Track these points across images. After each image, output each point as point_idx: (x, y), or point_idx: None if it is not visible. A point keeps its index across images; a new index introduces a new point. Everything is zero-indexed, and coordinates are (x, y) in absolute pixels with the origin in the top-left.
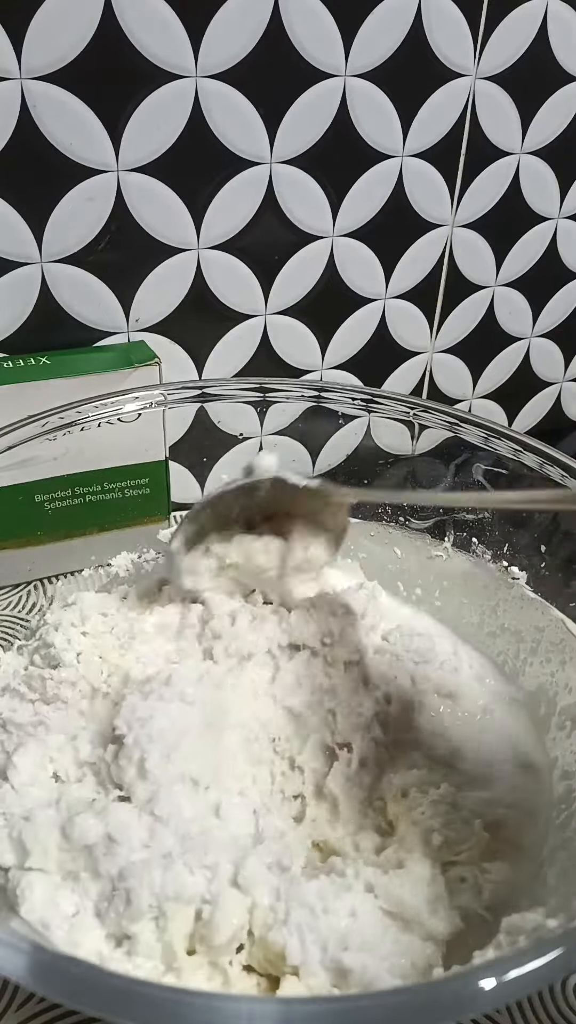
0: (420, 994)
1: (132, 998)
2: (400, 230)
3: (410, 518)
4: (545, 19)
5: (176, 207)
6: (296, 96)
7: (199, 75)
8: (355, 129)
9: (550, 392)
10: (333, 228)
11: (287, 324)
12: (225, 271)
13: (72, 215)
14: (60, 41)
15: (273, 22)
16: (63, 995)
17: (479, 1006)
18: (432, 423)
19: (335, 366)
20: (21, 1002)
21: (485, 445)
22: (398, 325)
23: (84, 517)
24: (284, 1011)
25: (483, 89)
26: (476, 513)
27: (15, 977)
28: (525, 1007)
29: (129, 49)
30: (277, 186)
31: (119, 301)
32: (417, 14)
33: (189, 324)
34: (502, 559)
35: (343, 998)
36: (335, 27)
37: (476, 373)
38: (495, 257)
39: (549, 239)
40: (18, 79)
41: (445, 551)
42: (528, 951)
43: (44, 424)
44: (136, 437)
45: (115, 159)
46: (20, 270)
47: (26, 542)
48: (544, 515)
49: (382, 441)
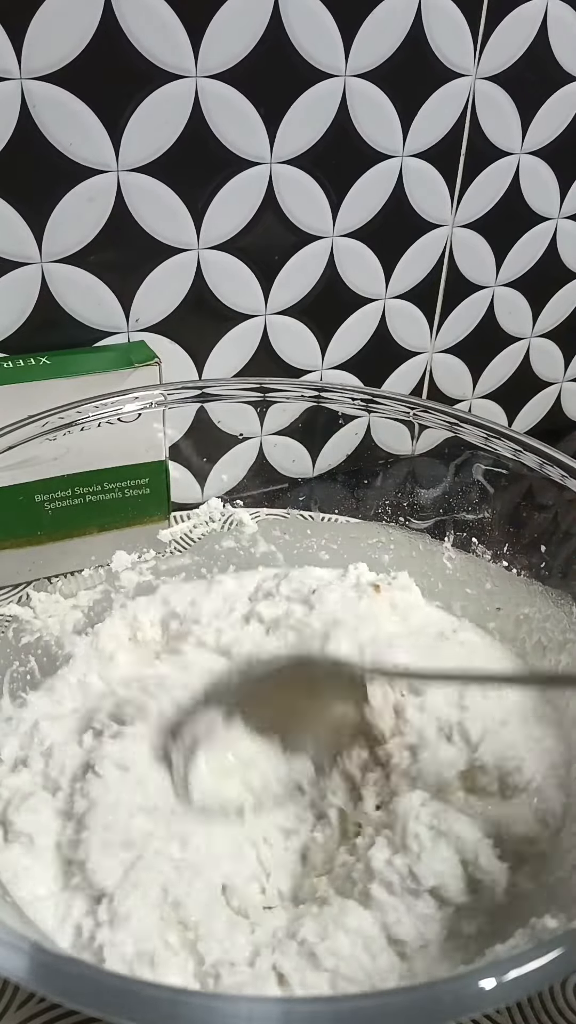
0: (420, 994)
1: (132, 998)
2: (400, 230)
3: (410, 518)
4: (545, 19)
5: (176, 207)
6: (296, 96)
7: (199, 75)
8: (355, 129)
9: (550, 392)
10: (333, 228)
11: (287, 324)
12: (225, 271)
13: (72, 215)
14: (60, 41)
15: (273, 22)
16: (63, 995)
17: (479, 1006)
18: (432, 423)
19: (335, 366)
20: (21, 1002)
21: (485, 445)
22: (398, 325)
23: (84, 517)
24: (284, 1011)
25: (483, 89)
26: (476, 513)
27: (15, 977)
28: (525, 1007)
29: (129, 49)
30: (277, 186)
31: (119, 301)
32: (417, 14)
33: (189, 324)
34: (502, 559)
35: (343, 998)
36: (335, 27)
37: (476, 373)
38: (495, 257)
39: (549, 239)
40: (18, 79)
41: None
42: (528, 951)
43: (44, 424)
44: (136, 437)
45: (115, 159)
46: (20, 270)
47: (26, 542)
48: (544, 515)
49: (382, 441)
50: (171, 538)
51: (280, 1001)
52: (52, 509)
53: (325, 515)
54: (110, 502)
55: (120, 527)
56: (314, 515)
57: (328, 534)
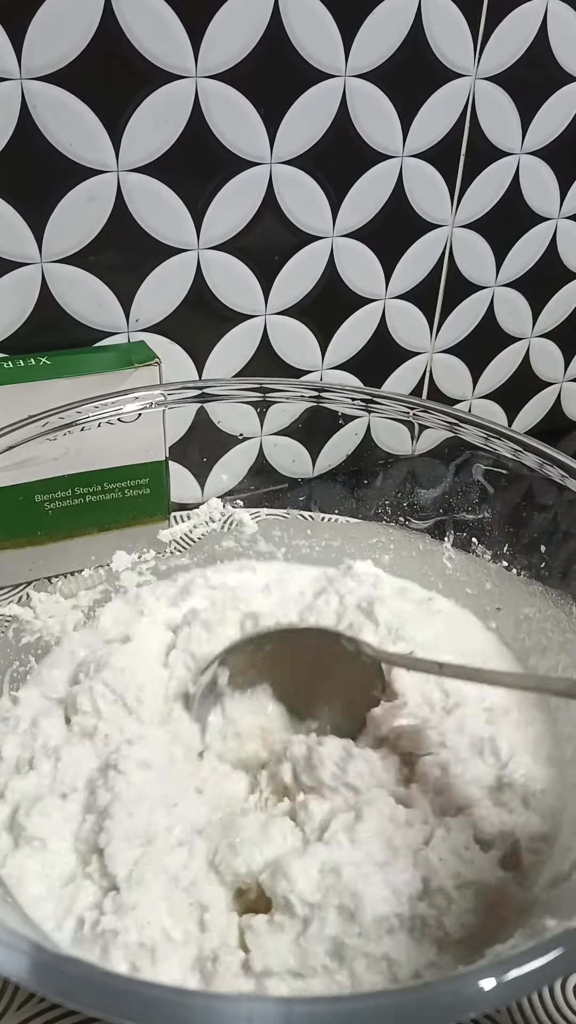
0: (420, 994)
1: (132, 998)
2: (400, 230)
3: (410, 518)
4: (545, 19)
5: (176, 207)
6: (296, 96)
7: (199, 75)
8: (355, 129)
9: (550, 392)
10: (333, 228)
11: (287, 324)
12: (225, 271)
13: (72, 215)
14: (60, 41)
15: (273, 22)
16: (63, 995)
17: (479, 1006)
18: (432, 423)
19: (335, 366)
20: (21, 1002)
21: (485, 445)
22: (398, 325)
23: (84, 517)
24: (284, 1011)
25: (483, 89)
26: (476, 513)
27: (15, 977)
28: (525, 1007)
29: (129, 49)
30: (277, 186)
31: (119, 301)
32: (417, 14)
33: (189, 324)
34: (502, 559)
35: (343, 998)
36: (335, 27)
37: (476, 373)
38: (495, 257)
39: (549, 239)
40: (18, 79)
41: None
42: (528, 951)
43: (44, 424)
44: (136, 437)
45: (115, 159)
46: (20, 270)
47: (26, 542)
48: (544, 515)
49: (382, 441)
50: (171, 538)
51: (280, 1001)
52: (52, 509)
53: (325, 515)
54: (110, 502)
55: (120, 527)
56: (314, 515)
57: (328, 534)
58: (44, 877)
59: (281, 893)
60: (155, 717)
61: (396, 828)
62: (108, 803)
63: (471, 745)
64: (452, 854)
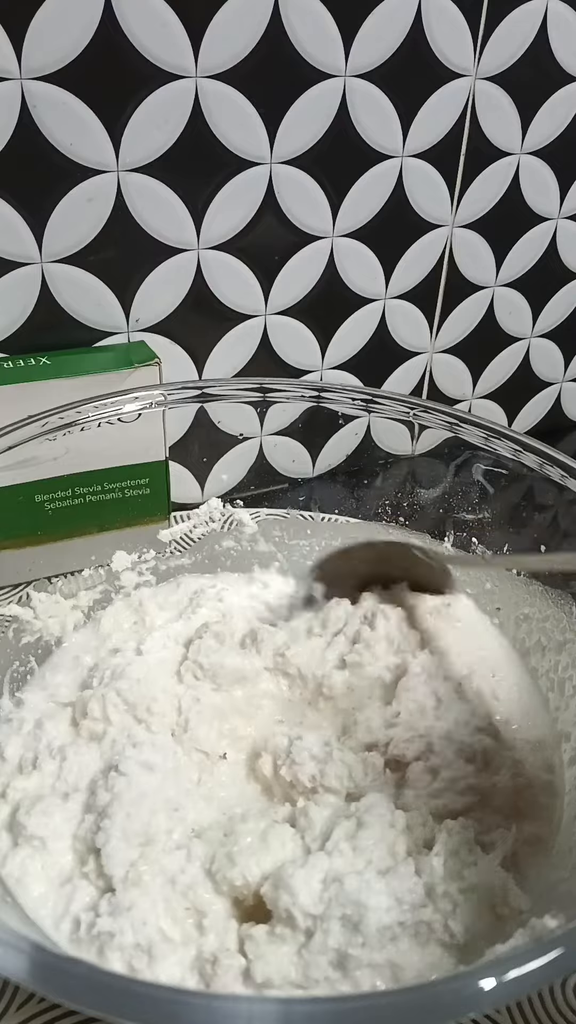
0: (420, 994)
1: (132, 998)
2: (400, 230)
3: (410, 518)
4: (545, 19)
5: (176, 207)
6: (296, 96)
7: (199, 75)
8: (355, 129)
9: (550, 392)
10: (333, 228)
11: (287, 324)
12: (225, 271)
13: (72, 215)
14: (60, 41)
15: (273, 22)
16: (63, 995)
17: (479, 1006)
18: (432, 423)
19: (335, 366)
20: (21, 1002)
21: (485, 445)
22: (398, 325)
23: (84, 517)
24: (284, 1011)
25: (483, 89)
26: (476, 513)
27: (15, 977)
28: (525, 1007)
29: (129, 49)
30: (277, 186)
31: (119, 301)
32: (417, 14)
33: (189, 324)
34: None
35: (343, 998)
36: (335, 27)
37: (476, 373)
38: (495, 257)
39: (549, 239)
40: (18, 79)
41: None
42: (528, 951)
43: (44, 424)
44: (136, 437)
45: (115, 159)
46: (20, 270)
47: (26, 542)
48: (544, 515)
49: (382, 441)
50: (171, 538)
51: (280, 1001)
52: (52, 509)
53: (325, 515)
54: (110, 502)
55: (120, 527)
56: (314, 515)
57: (328, 534)
58: (44, 877)
59: (283, 906)
60: (164, 729)
61: (397, 834)
62: (107, 803)
63: (459, 751)
64: (454, 857)
